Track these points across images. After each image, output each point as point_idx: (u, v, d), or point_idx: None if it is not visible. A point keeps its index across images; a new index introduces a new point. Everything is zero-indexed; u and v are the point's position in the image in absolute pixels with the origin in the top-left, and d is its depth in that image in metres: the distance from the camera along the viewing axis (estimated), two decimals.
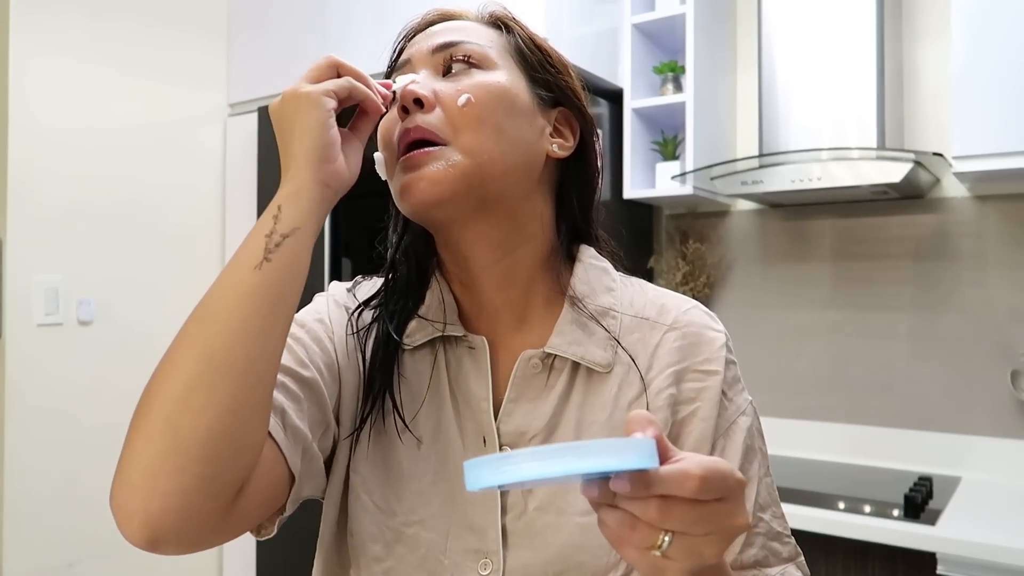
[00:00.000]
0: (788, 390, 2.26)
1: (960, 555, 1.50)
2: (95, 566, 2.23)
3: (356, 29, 2.35)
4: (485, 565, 0.64)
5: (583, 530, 0.64)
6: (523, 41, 0.71)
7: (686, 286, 2.31)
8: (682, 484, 0.43)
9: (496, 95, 0.66)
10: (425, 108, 0.64)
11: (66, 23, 2.24)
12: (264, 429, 0.57)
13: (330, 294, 0.77)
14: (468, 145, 0.64)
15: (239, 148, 2.62)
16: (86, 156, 2.28)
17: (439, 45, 0.68)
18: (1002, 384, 1.97)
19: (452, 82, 0.66)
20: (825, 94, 1.99)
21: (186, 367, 0.53)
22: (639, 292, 0.74)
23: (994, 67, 1.73)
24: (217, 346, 0.53)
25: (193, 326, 0.56)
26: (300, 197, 0.58)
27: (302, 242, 0.57)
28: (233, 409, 0.53)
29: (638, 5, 2.22)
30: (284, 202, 0.58)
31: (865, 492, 1.82)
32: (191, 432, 0.52)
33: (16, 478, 2.09)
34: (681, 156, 2.22)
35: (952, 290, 2.05)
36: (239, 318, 0.54)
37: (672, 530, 0.43)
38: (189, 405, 0.52)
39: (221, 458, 0.53)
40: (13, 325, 2.10)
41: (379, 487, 0.68)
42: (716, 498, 0.44)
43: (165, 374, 0.54)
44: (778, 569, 0.67)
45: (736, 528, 0.45)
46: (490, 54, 0.68)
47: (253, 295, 0.55)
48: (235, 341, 0.54)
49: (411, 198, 0.64)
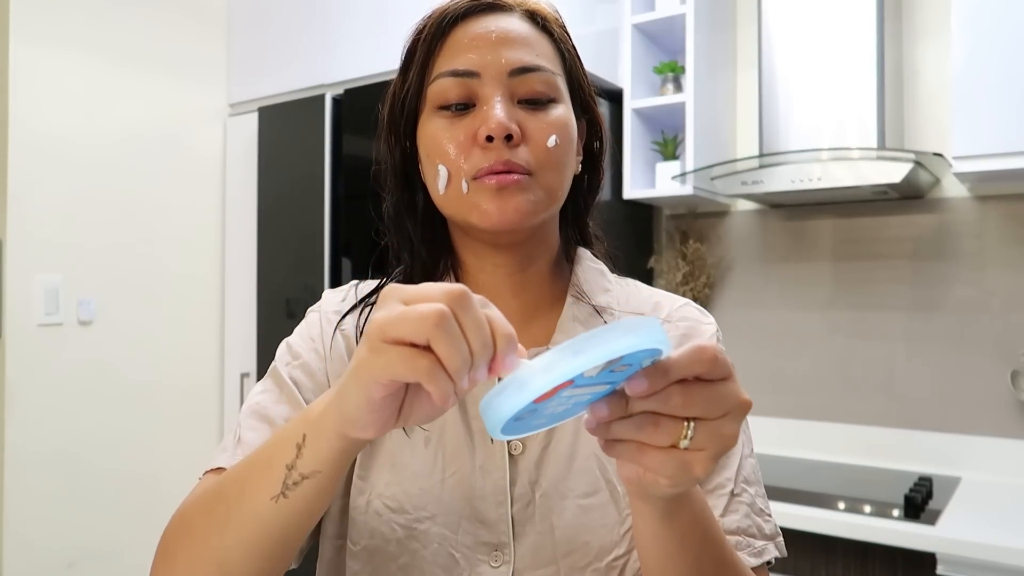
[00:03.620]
0: (788, 390, 2.26)
1: (960, 555, 1.50)
2: (95, 566, 2.23)
3: (356, 29, 2.35)
4: (496, 557, 0.66)
5: (586, 511, 0.66)
6: (567, 55, 0.72)
7: (686, 286, 2.31)
8: (699, 360, 0.44)
9: (570, 135, 0.69)
10: (512, 143, 0.65)
11: (66, 23, 2.24)
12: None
13: (323, 311, 0.75)
14: (550, 184, 0.67)
15: (239, 148, 2.62)
16: (86, 156, 2.28)
17: (518, 68, 0.66)
18: (1002, 384, 1.97)
19: (533, 116, 0.67)
20: (825, 94, 1.99)
21: (200, 565, 0.56)
22: (634, 291, 0.78)
23: (994, 67, 1.73)
24: (231, 558, 0.55)
25: (210, 525, 0.57)
26: (329, 440, 0.51)
27: (322, 485, 0.53)
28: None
29: (638, 5, 2.22)
30: (310, 433, 0.52)
31: (865, 492, 1.82)
32: None
33: (16, 478, 2.09)
34: (681, 156, 2.22)
35: (952, 290, 2.05)
36: (253, 540, 0.55)
37: (694, 417, 0.44)
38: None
39: None
40: (13, 325, 2.10)
41: (387, 487, 0.68)
42: (723, 376, 0.45)
43: (182, 556, 0.58)
44: (760, 544, 0.68)
45: (745, 404, 0.46)
46: (560, 85, 0.69)
47: (267, 525, 0.54)
48: (249, 557, 0.55)
49: (495, 221, 0.65)
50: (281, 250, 2.43)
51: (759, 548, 0.67)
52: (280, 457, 0.53)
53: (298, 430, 0.52)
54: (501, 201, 0.65)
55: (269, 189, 2.48)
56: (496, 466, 0.67)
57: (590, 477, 0.67)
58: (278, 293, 2.43)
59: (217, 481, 0.59)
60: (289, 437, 0.53)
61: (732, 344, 0.77)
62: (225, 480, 0.58)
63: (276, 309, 2.44)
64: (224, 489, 0.57)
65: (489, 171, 0.65)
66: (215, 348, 2.64)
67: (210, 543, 0.56)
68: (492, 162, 0.64)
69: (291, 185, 2.40)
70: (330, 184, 2.30)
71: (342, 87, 2.32)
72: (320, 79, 2.42)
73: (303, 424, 0.52)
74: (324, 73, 2.41)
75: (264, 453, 0.55)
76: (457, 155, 0.66)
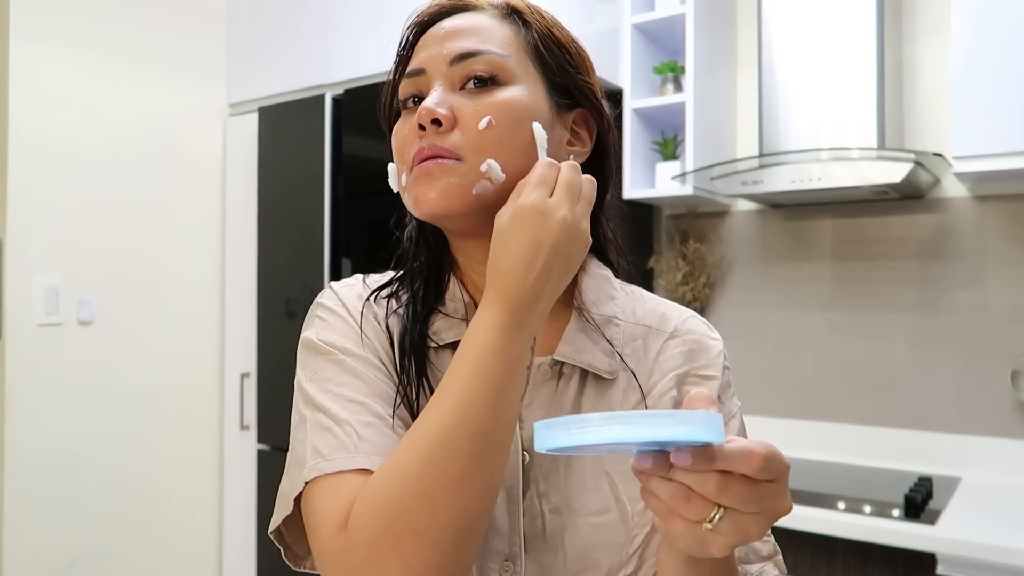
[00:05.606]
0: (788, 390, 2.26)
1: (960, 555, 1.50)
2: (95, 566, 2.23)
3: (356, 29, 2.35)
4: (507, 568, 0.65)
5: (598, 529, 0.66)
6: (542, 39, 0.69)
7: (686, 286, 2.31)
8: (747, 462, 0.45)
9: (517, 115, 0.64)
10: (443, 128, 0.63)
11: (67, 24, 2.24)
12: None
13: (345, 306, 0.70)
14: (486, 165, 0.63)
15: (239, 148, 2.62)
16: (86, 156, 2.28)
17: (456, 56, 0.65)
18: (1002, 384, 1.97)
19: (471, 99, 0.64)
20: (825, 94, 1.99)
21: (476, 497, 0.55)
22: (639, 300, 0.76)
23: (994, 67, 1.73)
24: (483, 506, 0.56)
25: (464, 463, 0.55)
26: (535, 328, 0.60)
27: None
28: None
29: (638, 5, 2.22)
30: (538, 330, 0.60)
31: (865, 492, 1.82)
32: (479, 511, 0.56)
33: (16, 478, 2.09)
34: (681, 156, 2.22)
35: (952, 290, 2.05)
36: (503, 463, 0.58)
37: (726, 506, 0.46)
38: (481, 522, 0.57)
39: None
40: (13, 325, 2.10)
41: None
42: (769, 479, 0.46)
43: (443, 504, 0.54)
44: (757, 567, 0.69)
45: (781, 510, 0.48)
46: (509, 65, 0.66)
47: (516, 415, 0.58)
48: (497, 484, 0.58)
49: (421, 208, 0.64)
50: (281, 250, 2.43)
51: (755, 573, 0.68)
52: (520, 365, 0.58)
53: (513, 339, 0.57)
54: (426, 186, 0.63)
55: (269, 189, 2.48)
56: (510, 475, 0.66)
57: (601, 495, 0.67)
58: (278, 293, 2.43)
59: (416, 451, 0.55)
60: (520, 346, 0.58)
61: (732, 344, 0.77)
62: (436, 436, 0.55)
63: (276, 309, 2.44)
64: (453, 443, 0.54)
65: (418, 158, 0.64)
66: (215, 348, 2.64)
67: (480, 474, 0.55)
68: (421, 148, 0.64)
69: (291, 185, 2.40)
70: (330, 184, 2.30)
71: (342, 87, 2.33)
72: (320, 79, 2.42)
73: (534, 323, 0.59)
74: (324, 73, 2.41)
75: (494, 378, 0.56)
76: (402, 150, 0.67)
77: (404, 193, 0.67)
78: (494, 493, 0.57)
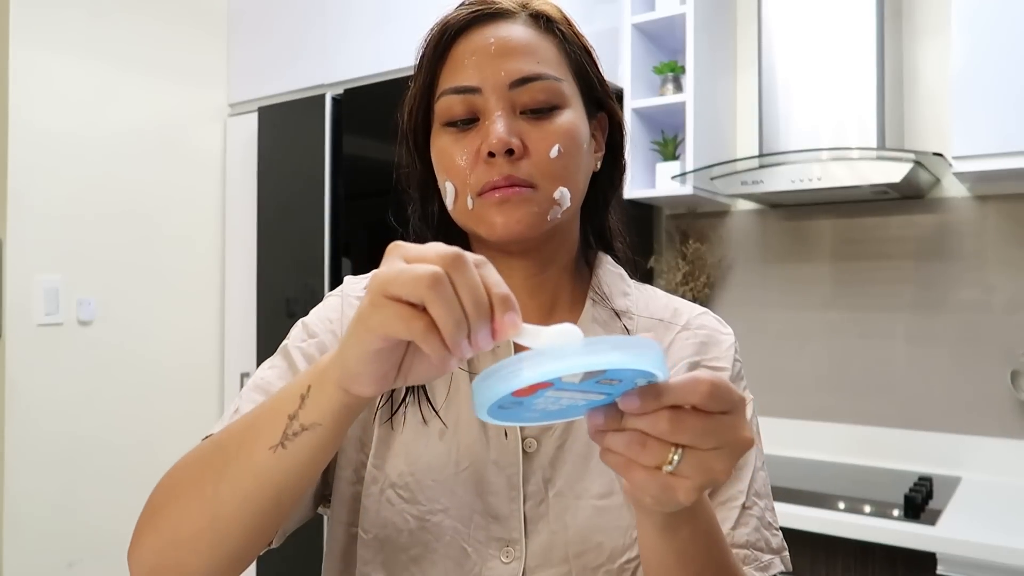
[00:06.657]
0: (788, 390, 2.26)
1: (960, 555, 1.50)
2: (95, 566, 2.23)
3: (356, 29, 2.35)
4: (508, 553, 0.66)
5: (601, 512, 0.67)
6: (580, 53, 0.71)
7: (686, 286, 2.31)
8: (693, 390, 0.44)
9: (578, 140, 0.68)
10: (515, 156, 0.65)
11: (66, 24, 2.24)
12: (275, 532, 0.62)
13: (345, 294, 0.76)
14: (557, 193, 0.67)
15: (239, 148, 2.62)
16: (86, 156, 2.28)
17: (518, 80, 0.66)
18: (1002, 384, 1.97)
19: (536, 127, 0.66)
20: (825, 94, 1.99)
21: (190, 517, 0.57)
22: (652, 297, 0.79)
23: (994, 67, 1.73)
24: (224, 512, 0.55)
25: (205, 476, 0.57)
26: (330, 393, 0.51)
27: (322, 440, 0.53)
28: (240, 549, 0.58)
29: (638, 5, 2.22)
30: (315, 384, 0.52)
31: (865, 492, 1.82)
32: (194, 562, 0.57)
33: (16, 478, 2.09)
34: (681, 156, 2.21)
35: (952, 290, 2.05)
36: (248, 492, 0.55)
37: (682, 444, 0.44)
38: (196, 549, 0.57)
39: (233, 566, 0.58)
40: (13, 325, 2.10)
41: (400, 478, 0.68)
42: (722, 410, 0.45)
43: (172, 509, 0.58)
44: (767, 558, 0.69)
45: (742, 442, 0.46)
46: (564, 89, 0.68)
47: (264, 476, 0.54)
48: (242, 511, 0.55)
49: (500, 233, 0.66)
50: (281, 250, 2.43)
51: (766, 562, 0.68)
52: (284, 407, 0.53)
53: (304, 382, 0.53)
54: (505, 215, 0.65)
55: (269, 189, 2.48)
56: (509, 462, 0.67)
57: (606, 478, 0.67)
58: (278, 293, 2.43)
59: (214, 439, 0.59)
60: (295, 388, 0.54)
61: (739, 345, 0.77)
62: (224, 434, 0.58)
63: (276, 309, 2.44)
64: (223, 442, 0.57)
65: (492, 187, 0.65)
66: (215, 348, 2.64)
67: (204, 494, 0.56)
68: (495, 178, 0.65)
69: (291, 185, 2.40)
70: (330, 184, 2.30)
71: (342, 87, 2.33)
72: (320, 79, 2.42)
73: (309, 376, 0.53)
74: (324, 73, 2.41)
75: (270, 404, 0.56)
76: (463, 172, 0.67)
77: (466, 215, 0.68)
78: (222, 503, 0.56)
